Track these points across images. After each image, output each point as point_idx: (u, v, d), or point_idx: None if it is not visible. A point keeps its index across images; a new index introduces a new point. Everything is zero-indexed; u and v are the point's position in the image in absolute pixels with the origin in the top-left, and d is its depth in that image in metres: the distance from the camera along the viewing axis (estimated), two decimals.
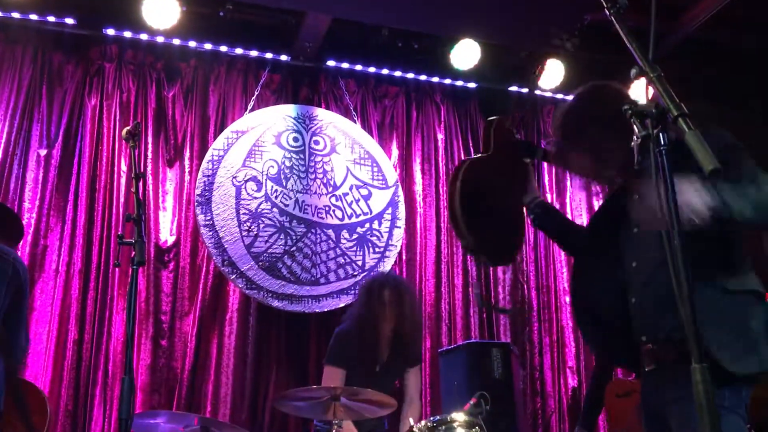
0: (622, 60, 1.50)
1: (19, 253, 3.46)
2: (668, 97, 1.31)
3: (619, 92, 2.12)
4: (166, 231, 4.39)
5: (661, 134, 1.33)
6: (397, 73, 5.08)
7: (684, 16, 4.86)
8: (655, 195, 1.32)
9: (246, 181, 4.49)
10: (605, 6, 1.52)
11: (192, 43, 4.62)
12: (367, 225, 4.71)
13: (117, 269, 4.13)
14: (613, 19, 1.51)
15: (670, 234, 1.32)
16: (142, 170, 4.31)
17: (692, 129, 1.26)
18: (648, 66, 1.38)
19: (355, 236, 4.66)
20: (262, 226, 4.45)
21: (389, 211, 4.79)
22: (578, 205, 5.31)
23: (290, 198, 4.57)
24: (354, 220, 4.69)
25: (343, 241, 4.62)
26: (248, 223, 4.41)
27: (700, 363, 1.23)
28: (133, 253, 2.20)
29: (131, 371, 2.08)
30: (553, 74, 4.99)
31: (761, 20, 5.03)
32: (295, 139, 4.70)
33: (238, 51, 4.73)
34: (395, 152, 5.02)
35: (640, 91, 4.93)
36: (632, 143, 1.35)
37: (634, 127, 1.36)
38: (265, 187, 4.53)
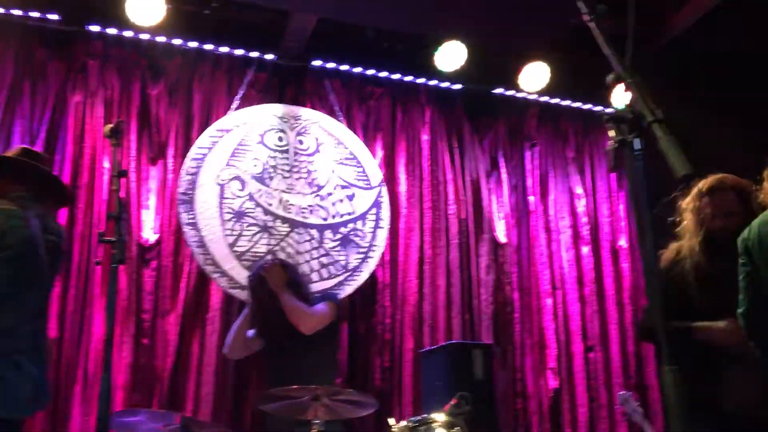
0: (608, 64, 1.51)
1: None
2: (644, 102, 1.33)
3: None
4: (148, 229, 4.36)
5: (635, 140, 1.35)
6: (383, 74, 5.09)
7: (667, 22, 4.91)
8: None
9: (230, 180, 4.48)
10: (584, 12, 1.54)
11: (177, 41, 4.60)
12: (351, 225, 4.71)
13: (98, 267, 4.10)
14: (591, 25, 1.53)
15: (645, 237, 1.34)
16: (125, 168, 4.27)
17: (666, 135, 1.28)
18: (625, 71, 1.40)
19: (338, 236, 4.66)
20: (245, 225, 4.44)
21: (373, 211, 4.80)
22: (561, 207, 5.34)
23: (274, 197, 4.57)
24: (338, 220, 4.69)
25: (326, 241, 4.62)
26: (231, 222, 4.41)
27: (669, 365, 1.25)
28: (114, 251, 2.20)
29: (109, 369, 2.07)
30: (537, 77, 5.02)
31: (744, 27, 5.09)
32: (280, 139, 4.70)
33: (224, 49, 4.72)
34: (380, 153, 5.03)
35: (621, 96, 4.98)
36: (607, 147, 1.37)
37: (610, 132, 1.38)
38: (249, 186, 4.53)
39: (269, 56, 4.80)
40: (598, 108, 5.45)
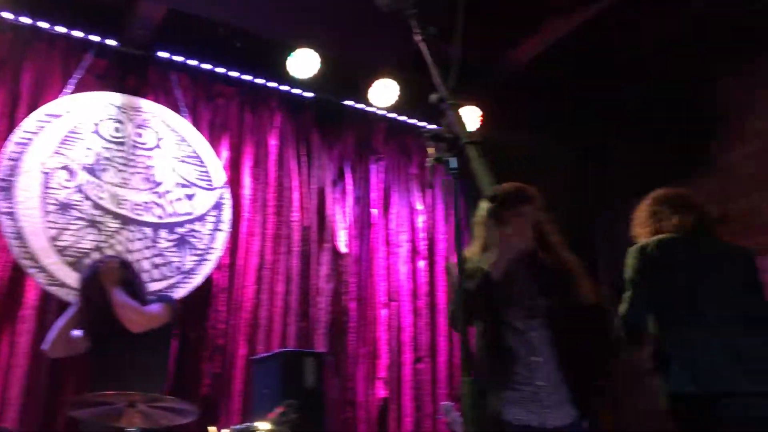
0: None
1: None
2: (461, 124, 1.39)
3: None
4: None
5: (451, 158, 1.41)
6: (234, 74, 4.98)
7: (512, 51, 5.20)
8: None
9: (57, 169, 4.18)
10: (416, 32, 1.59)
11: (8, 15, 4.24)
12: (189, 226, 4.55)
13: None
14: (421, 45, 1.58)
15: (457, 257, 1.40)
16: None
17: (478, 156, 1.34)
18: (447, 93, 1.46)
19: (174, 236, 4.48)
20: (71, 218, 4.16)
21: (214, 213, 4.67)
22: (402, 222, 5.49)
23: (105, 191, 4.31)
24: (175, 219, 4.52)
25: (160, 240, 4.43)
26: (55, 214, 4.11)
27: (469, 377, 1.31)
28: None
29: None
30: (387, 93, 5.14)
31: (585, 60, 5.50)
32: (117, 130, 4.46)
33: (61, 29, 4.41)
34: (225, 154, 4.91)
35: (466, 116, 5.21)
36: (426, 164, 1.42)
37: (430, 149, 1.44)
38: (78, 177, 4.24)
39: (112, 42, 4.55)
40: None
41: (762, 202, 5.16)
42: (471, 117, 5.29)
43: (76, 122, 4.31)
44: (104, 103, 4.45)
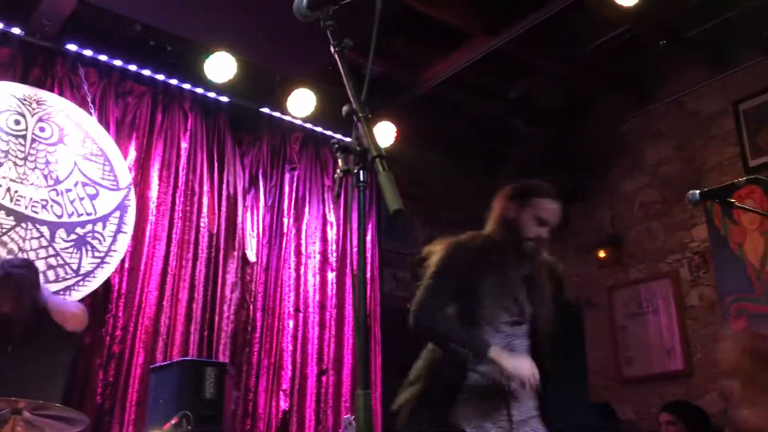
0: (368, 101, 1.53)
1: None
2: (370, 138, 1.40)
3: None
4: None
5: (361, 171, 1.41)
6: (146, 72, 4.83)
7: (425, 73, 5.30)
8: None
9: None
10: (332, 44, 1.60)
11: None
12: (89, 226, 4.37)
13: None
14: (336, 57, 1.59)
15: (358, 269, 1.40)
16: None
17: (386, 170, 1.35)
18: (359, 106, 1.47)
19: (73, 237, 4.29)
20: None
21: (117, 214, 4.50)
22: (313, 232, 5.46)
23: (0, 186, 4.08)
24: (75, 219, 4.32)
25: (58, 240, 4.23)
26: None
27: (364, 390, 1.30)
28: None
29: None
30: (304, 103, 5.12)
31: (487, 86, 5.68)
32: (17, 122, 4.23)
33: None
34: (132, 153, 4.74)
35: (382, 132, 5.26)
36: (335, 176, 1.42)
37: (339, 161, 1.44)
38: None
39: (16, 30, 4.33)
40: None
41: (656, 229, 5.46)
42: (386, 133, 5.34)
43: None
44: (4, 93, 4.22)
